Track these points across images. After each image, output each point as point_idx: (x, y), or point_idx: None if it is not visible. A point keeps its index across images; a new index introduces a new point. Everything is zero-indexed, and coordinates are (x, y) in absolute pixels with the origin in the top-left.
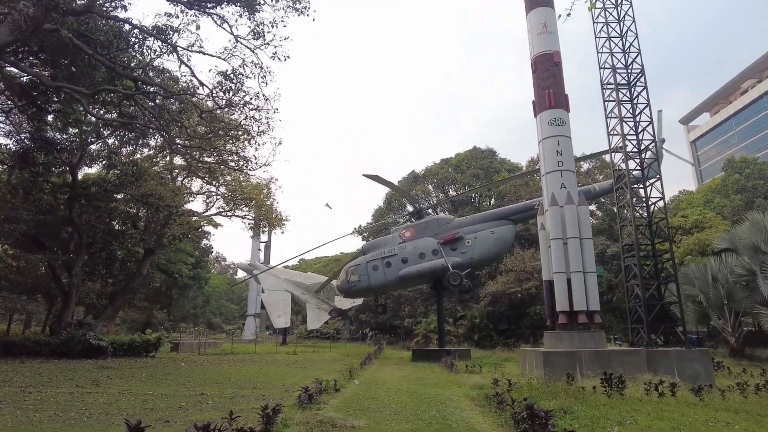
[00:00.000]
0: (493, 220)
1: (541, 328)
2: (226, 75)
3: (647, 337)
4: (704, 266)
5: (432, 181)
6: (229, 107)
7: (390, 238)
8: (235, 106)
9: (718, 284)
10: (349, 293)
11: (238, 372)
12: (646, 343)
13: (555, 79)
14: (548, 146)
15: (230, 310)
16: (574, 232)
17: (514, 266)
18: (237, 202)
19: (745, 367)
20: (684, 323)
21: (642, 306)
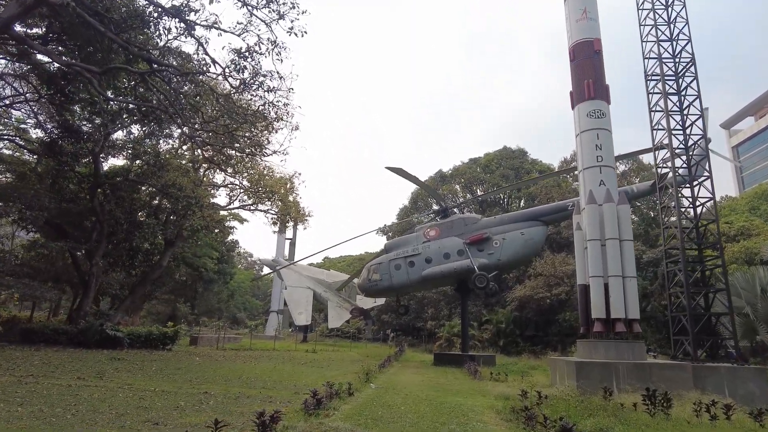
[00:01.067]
0: (523, 220)
1: (570, 336)
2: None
3: (693, 351)
4: (752, 276)
5: (459, 181)
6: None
7: (414, 237)
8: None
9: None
10: (370, 292)
11: (251, 369)
12: (692, 357)
13: (595, 69)
14: (586, 140)
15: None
16: (614, 233)
17: (543, 270)
18: (260, 196)
19: None
20: (736, 336)
21: (687, 316)
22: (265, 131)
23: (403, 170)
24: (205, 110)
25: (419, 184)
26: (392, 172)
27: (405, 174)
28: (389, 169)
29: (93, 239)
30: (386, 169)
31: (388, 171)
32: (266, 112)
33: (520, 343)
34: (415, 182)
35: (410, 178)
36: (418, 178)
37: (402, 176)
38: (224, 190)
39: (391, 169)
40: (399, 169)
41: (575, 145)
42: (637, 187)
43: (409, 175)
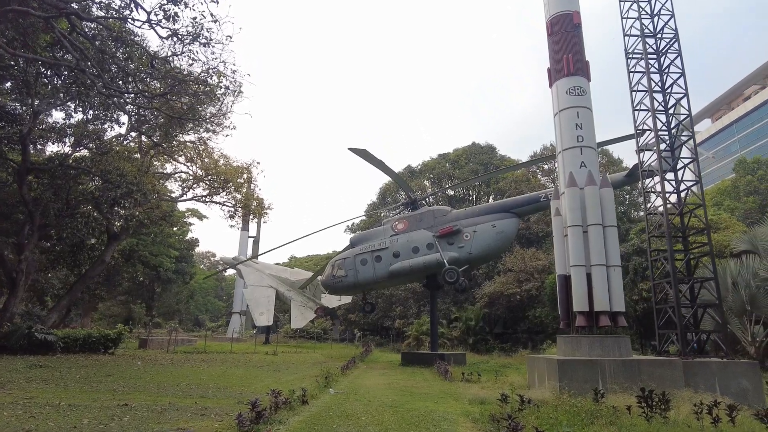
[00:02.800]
0: (495, 212)
1: (539, 333)
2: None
3: (681, 346)
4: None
5: (428, 177)
6: (175, 40)
7: (381, 230)
8: (182, 38)
9: (739, 288)
10: (334, 289)
11: (197, 374)
12: (680, 352)
13: (574, 43)
14: (566, 119)
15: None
16: (596, 218)
17: (513, 265)
18: (213, 186)
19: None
20: (725, 328)
21: (675, 308)
22: (207, 100)
23: (368, 152)
24: (138, 75)
25: (385, 170)
26: (355, 154)
27: (369, 157)
28: (352, 151)
29: (25, 232)
30: (349, 151)
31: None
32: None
33: (490, 340)
34: (380, 168)
35: (375, 163)
36: (384, 162)
37: (366, 160)
38: (177, 182)
39: (354, 150)
40: (363, 150)
41: (553, 126)
42: (612, 177)
43: (374, 158)
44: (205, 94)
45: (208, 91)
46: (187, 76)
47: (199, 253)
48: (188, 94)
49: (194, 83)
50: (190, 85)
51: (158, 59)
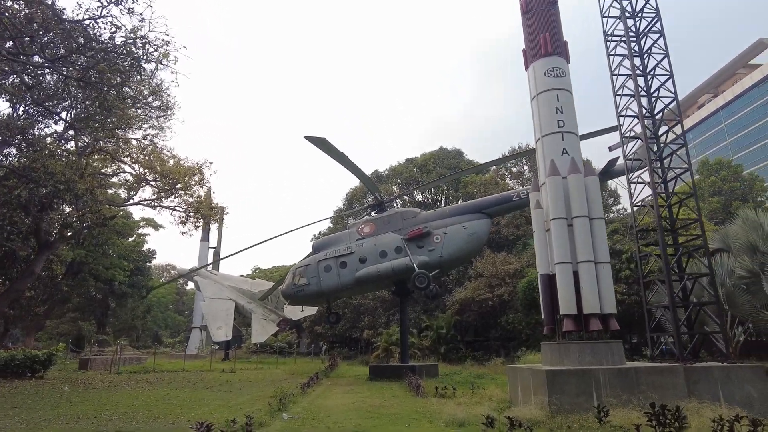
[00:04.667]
0: (466, 213)
1: (512, 340)
2: None
3: (678, 350)
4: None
5: (396, 182)
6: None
7: (346, 234)
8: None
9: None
10: (295, 299)
11: (131, 400)
12: (677, 357)
13: (551, 21)
14: (545, 102)
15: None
16: (582, 210)
17: (485, 270)
18: (162, 189)
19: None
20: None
21: (671, 308)
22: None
23: (327, 142)
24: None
25: (347, 164)
26: (312, 143)
27: (329, 148)
28: (309, 139)
29: None
30: (306, 139)
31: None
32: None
33: (462, 349)
34: (342, 161)
35: (336, 156)
36: (346, 155)
37: (325, 151)
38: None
39: (311, 139)
40: (321, 139)
41: (531, 111)
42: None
43: (334, 149)
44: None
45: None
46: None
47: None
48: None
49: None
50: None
51: (70, 22)
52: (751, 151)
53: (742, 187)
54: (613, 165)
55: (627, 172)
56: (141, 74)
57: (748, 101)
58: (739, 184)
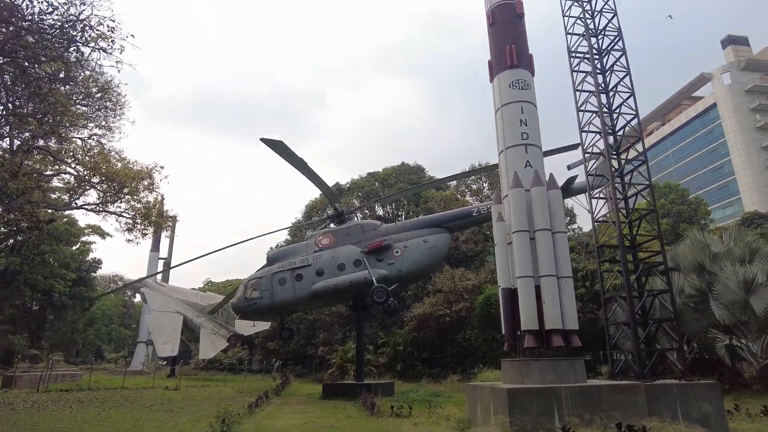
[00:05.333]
0: (426, 227)
1: (468, 357)
2: None
3: (639, 368)
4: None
5: (357, 195)
6: None
7: (303, 246)
8: None
9: (666, 305)
10: (247, 313)
11: (57, 421)
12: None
13: (517, 34)
14: (509, 114)
15: (123, 335)
16: (545, 223)
17: (443, 285)
18: (109, 192)
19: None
20: (682, 346)
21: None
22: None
23: (284, 145)
24: None
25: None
26: (269, 147)
27: (286, 152)
28: (265, 142)
29: None
30: (262, 141)
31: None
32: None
33: (419, 366)
34: (299, 168)
35: (293, 161)
36: (305, 162)
37: (282, 156)
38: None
39: (268, 141)
40: (278, 142)
41: (494, 122)
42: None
43: (291, 154)
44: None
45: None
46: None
47: (104, 277)
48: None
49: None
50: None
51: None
52: (695, 177)
53: (689, 210)
54: (571, 183)
55: (588, 187)
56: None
57: (692, 130)
58: (686, 207)
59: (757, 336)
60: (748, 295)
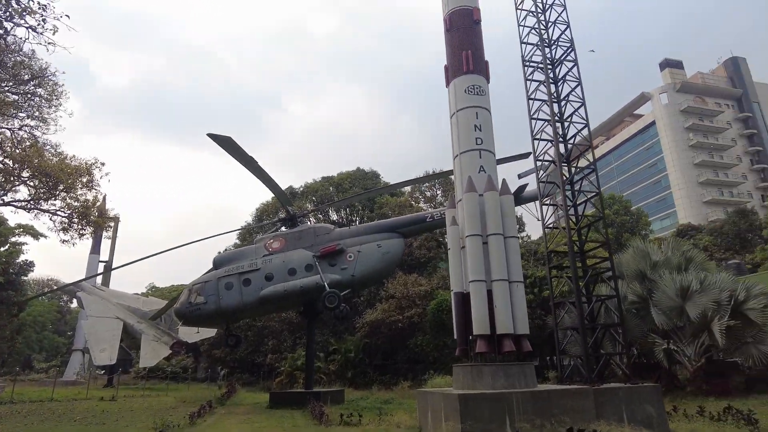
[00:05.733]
0: (380, 232)
1: (419, 363)
2: None
3: (587, 372)
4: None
5: (311, 199)
6: None
7: (252, 250)
8: None
9: (611, 311)
10: (190, 319)
11: None
12: (586, 379)
13: (474, 40)
14: (464, 119)
15: (57, 343)
16: (497, 228)
17: (396, 291)
18: (38, 188)
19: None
20: (629, 349)
21: (581, 330)
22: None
23: (233, 142)
24: None
25: (255, 169)
26: (217, 143)
27: (234, 148)
28: (213, 138)
29: None
30: (209, 137)
31: (214, 142)
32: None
33: (370, 373)
34: (248, 166)
35: (242, 158)
36: (255, 160)
37: (230, 153)
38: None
39: (215, 137)
40: (226, 139)
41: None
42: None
43: (240, 151)
44: None
45: None
46: None
47: (37, 280)
48: None
49: None
50: None
51: None
52: (636, 191)
53: (631, 221)
54: (521, 191)
55: (540, 194)
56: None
57: (633, 146)
58: (629, 218)
59: (692, 340)
60: (684, 302)
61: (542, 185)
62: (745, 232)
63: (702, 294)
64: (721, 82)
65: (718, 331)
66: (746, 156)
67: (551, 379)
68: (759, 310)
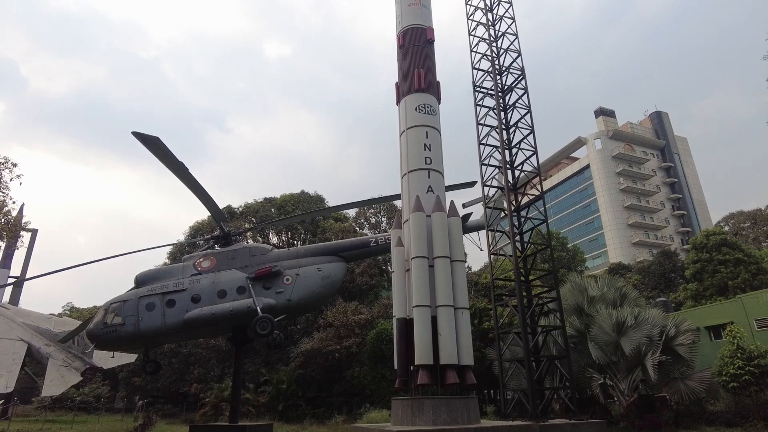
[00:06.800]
0: (321, 255)
1: (356, 396)
2: None
3: (532, 407)
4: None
5: (251, 221)
6: None
7: (179, 268)
8: None
9: (549, 345)
10: (104, 342)
11: None
12: (531, 414)
13: (426, 59)
14: (414, 138)
15: None
16: (444, 250)
17: (335, 319)
18: None
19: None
20: (573, 384)
21: (526, 363)
22: None
23: (161, 144)
24: None
25: (185, 177)
26: (143, 143)
27: (162, 151)
28: (138, 137)
29: None
30: (133, 135)
31: (139, 142)
32: None
33: (303, 406)
34: (177, 172)
35: (171, 164)
36: (185, 166)
37: (157, 155)
38: None
39: (141, 137)
40: (154, 139)
41: (398, 145)
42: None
43: (168, 155)
44: None
45: None
46: None
47: None
48: None
49: None
50: None
51: None
52: (570, 230)
53: (568, 257)
54: (466, 220)
55: (487, 219)
56: None
57: (569, 187)
58: (565, 254)
59: (626, 375)
60: (619, 337)
61: (489, 211)
62: (670, 272)
63: (636, 329)
64: (647, 133)
65: (651, 366)
66: (669, 202)
67: (489, 414)
68: (687, 346)
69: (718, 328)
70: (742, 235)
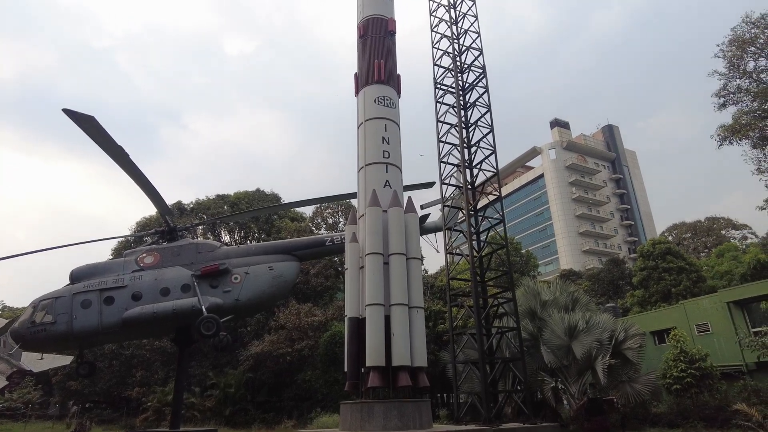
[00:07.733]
0: (274, 253)
1: (307, 400)
2: None
3: (486, 411)
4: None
5: (202, 218)
6: None
7: (119, 263)
8: None
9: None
10: (31, 342)
11: None
12: (485, 418)
13: (387, 50)
14: (372, 130)
15: None
16: (400, 247)
17: (287, 321)
18: None
19: None
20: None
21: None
22: None
23: (96, 123)
24: None
25: (123, 162)
26: (75, 123)
27: (98, 132)
28: (69, 115)
29: None
30: (64, 113)
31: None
32: None
33: (251, 410)
34: (115, 156)
35: (107, 147)
36: (123, 150)
37: (92, 137)
38: None
39: (73, 115)
40: (88, 118)
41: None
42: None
43: (104, 135)
44: None
45: None
46: None
47: None
48: None
49: None
50: None
51: None
52: (524, 236)
53: (521, 262)
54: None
55: (444, 219)
56: None
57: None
58: (518, 259)
59: (577, 378)
60: (571, 340)
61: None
62: (618, 279)
63: (587, 333)
64: (599, 145)
65: (601, 369)
66: (618, 212)
67: (442, 418)
68: (635, 350)
69: (662, 332)
70: (683, 245)
